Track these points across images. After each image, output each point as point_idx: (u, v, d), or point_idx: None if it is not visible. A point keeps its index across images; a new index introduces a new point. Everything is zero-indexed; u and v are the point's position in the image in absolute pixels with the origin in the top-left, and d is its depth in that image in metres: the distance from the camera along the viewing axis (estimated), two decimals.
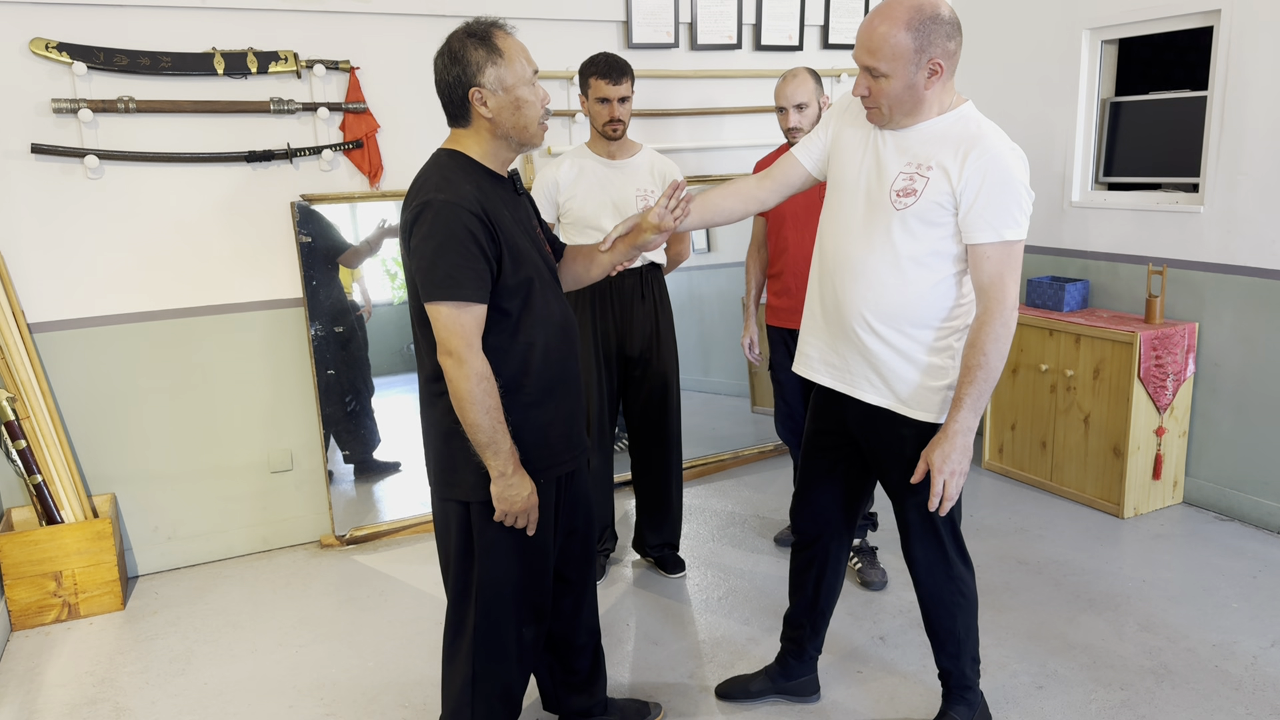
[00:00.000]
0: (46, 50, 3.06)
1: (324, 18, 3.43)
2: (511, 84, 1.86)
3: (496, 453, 1.83)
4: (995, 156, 1.91)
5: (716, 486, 4.18)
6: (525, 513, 1.90)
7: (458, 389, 1.80)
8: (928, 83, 1.92)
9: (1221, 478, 3.71)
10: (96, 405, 3.32)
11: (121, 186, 3.25)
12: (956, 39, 1.93)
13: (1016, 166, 1.92)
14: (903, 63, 1.89)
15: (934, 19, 1.88)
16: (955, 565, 2.19)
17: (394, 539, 3.70)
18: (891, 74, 1.91)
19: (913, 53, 1.88)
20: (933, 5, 1.89)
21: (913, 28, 1.88)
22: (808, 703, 2.53)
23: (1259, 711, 2.44)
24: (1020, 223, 1.93)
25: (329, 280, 3.55)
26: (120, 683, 2.75)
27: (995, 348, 1.94)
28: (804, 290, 3.15)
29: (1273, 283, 3.45)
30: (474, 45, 1.84)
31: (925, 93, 1.93)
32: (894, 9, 1.89)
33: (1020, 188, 1.92)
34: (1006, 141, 1.95)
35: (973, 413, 1.97)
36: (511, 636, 2.02)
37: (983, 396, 1.97)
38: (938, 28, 1.89)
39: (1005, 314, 1.94)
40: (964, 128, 1.96)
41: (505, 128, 1.88)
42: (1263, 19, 3.38)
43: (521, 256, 1.88)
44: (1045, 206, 4.31)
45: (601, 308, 3.10)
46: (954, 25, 1.92)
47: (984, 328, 1.95)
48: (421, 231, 1.79)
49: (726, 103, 4.22)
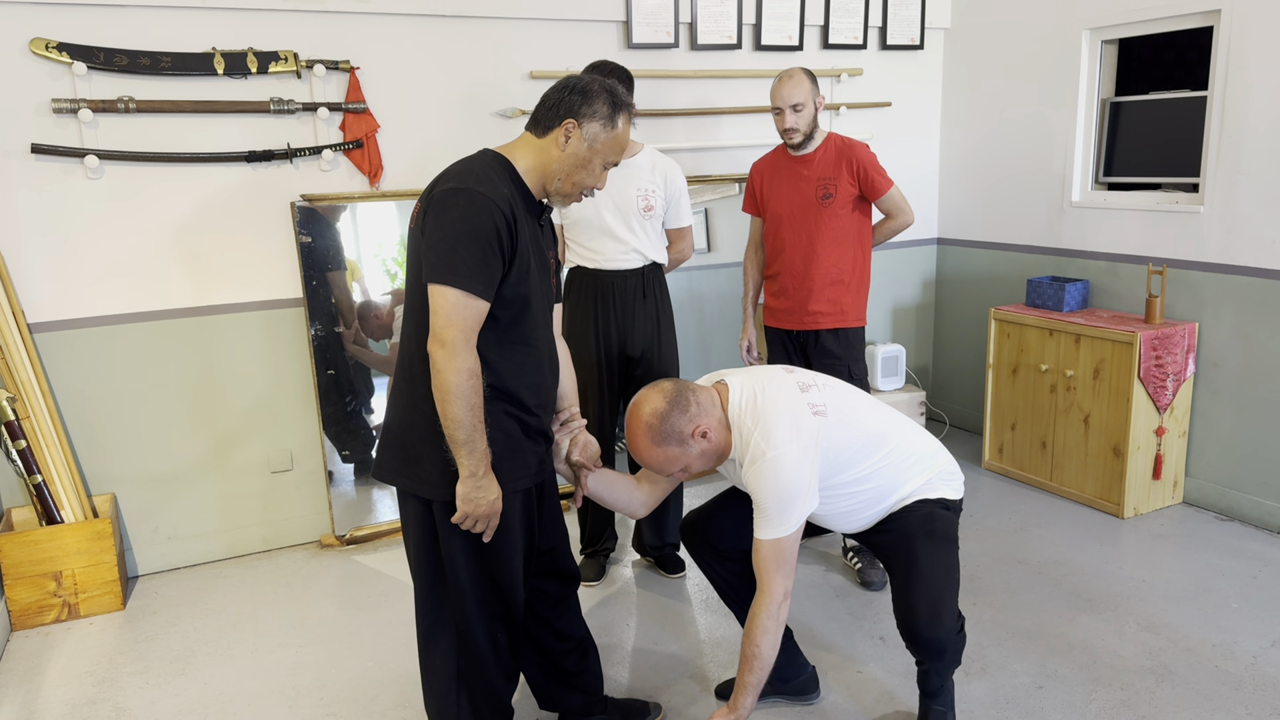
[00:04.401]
0: (46, 50, 3.06)
1: (324, 18, 3.43)
2: (598, 149, 1.92)
3: (471, 451, 1.81)
4: (759, 467, 2.08)
5: (717, 486, 4.18)
6: (488, 517, 1.88)
7: (445, 380, 1.77)
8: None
9: (1221, 478, 3.71)
10: (96, 405, 3.32)
11: (121, 187, 3.25)
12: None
13: (785, 471, 2.06)
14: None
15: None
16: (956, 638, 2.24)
17: (394, 539, 3.70)
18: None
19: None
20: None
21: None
22: (808, 702, 2.53)
23: (1259, 711, 2.44)
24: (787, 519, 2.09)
25: (329, 280, 3.55)
26: (120, 683, 2.75)
27: (769, 641, 2.13)
28: (800, 291, 3.16)
29: (1273, 283, 3.45)
30: (605, 100, 1.91)
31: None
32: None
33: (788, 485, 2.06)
34: (777, 443, 2.08)
35: (751, 695, 2.16)
36: (485, 642, 2.02)
37: (759, 684, 2.17)
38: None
39: (774, 606, 2.11)
40: (743, 435, 2.15)
41: (560, 169, 1.92)
42: (1263, 19, 3.38)
43: (528, 272, 1.88)
44: (1045, 206, 4.31)
45: (604, 307, 3.10)
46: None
47: (757, 621, 2.13)
48: (450, 215, 1.77)
49: (726, 103, 4.22)
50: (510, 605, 2.03)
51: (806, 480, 2.06)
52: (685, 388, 2.11)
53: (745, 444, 2.10)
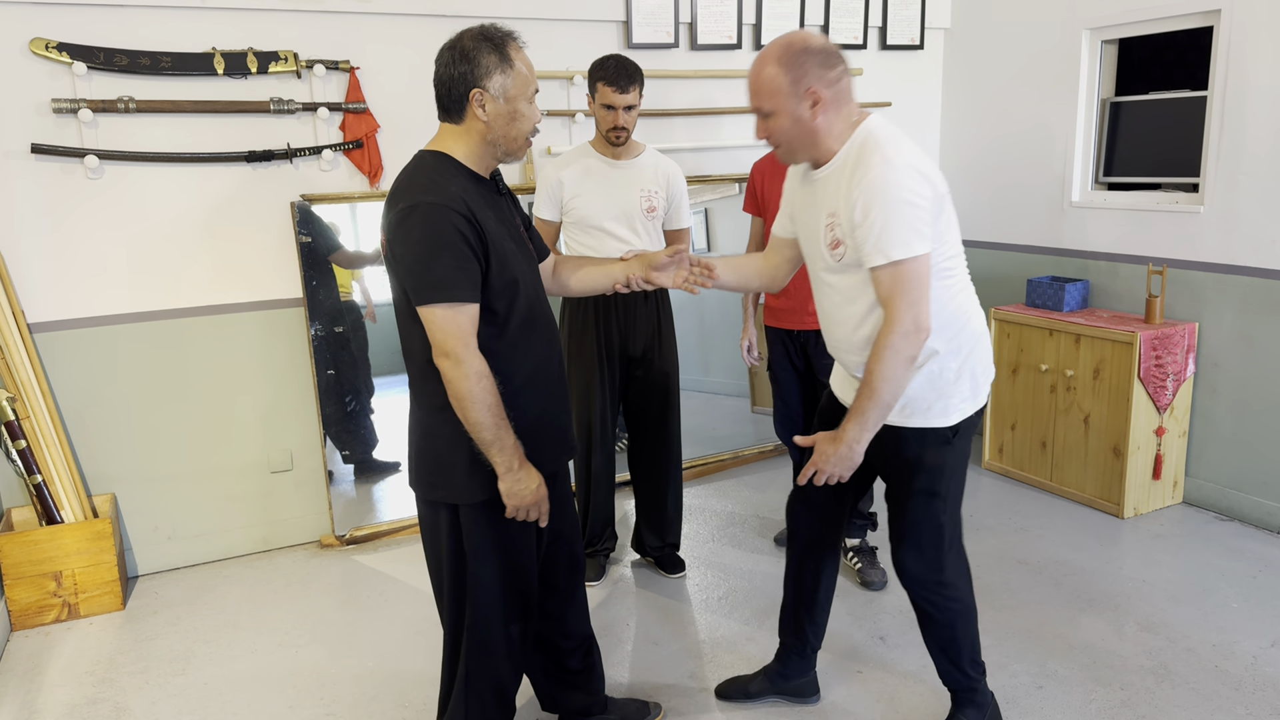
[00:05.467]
0: (46, 50, 3.06)
1: (324, 18, 3.42)
2: (513, 95, 1.87)
3: (502, 449, 1.84)
4: (873, 178, 1.89)
5: (716, 486, 4.18)
6: (536, 505, 1.91)
7: (458, 389, 1.80)
8: (813, 113, 1.96)
9: (1221, 478, 3.71)
10: (96, 405, 3.32)
11: (121, 187, 3.25)
12: (837, 67, 1.96)
13: (898, 181, 1.88)
14: (782, 97, 1.95)
15: (804, 51, 1.95)
16: (946, 572, 2.17)
17: (394, 539, 3.70)
18: (775, 110, 1.98)
19: (789, 85, 1.94)
20: (801, 39, 1.96)
21: (784, 63, 1.94)
22: (807, 704, 2.53)
23: (1259, 711, 2.44)
24: (909, 241, 1.88)
25: (329, 280, 3.55)
26: (120, 683, 2.75)
27: (880, 370, 1.92)
28: (801, 291, 3.16)
29: (1273, 283, 3.45)
30: (487, 49, 1.85)
31: (815, 124, 1.97)
32: (766, 52, 1.99)
33: (903, 205, 1.88)
34: (889, 157, 1.91)
35: (859, 427, 1.97)
36: (499, 634, 2.03)
37: (869, 414, 1.95)
38: (809, 58, 1.94)
39: (894, 338, 1.90)
40: (855, 155, 1.97)
41: (495, 135, 1.89)
42: (1263, 19, 3.38)
43: (507, 257, 1.88)
44: (1045, 206, 4.31)
45: (605, 307, 3.10)
46: (828, 54, 1.96)
47: (875, 349, 1.94)
48: (411, 235, 1.79)
49: (726, 103, 4.22)
50: (525, 597, 2.05)
51: (928, 204, 1.90)
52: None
53: (855, 161, 1.94)
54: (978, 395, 2.11)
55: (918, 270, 1.90)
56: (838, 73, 1.96)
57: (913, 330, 1.90)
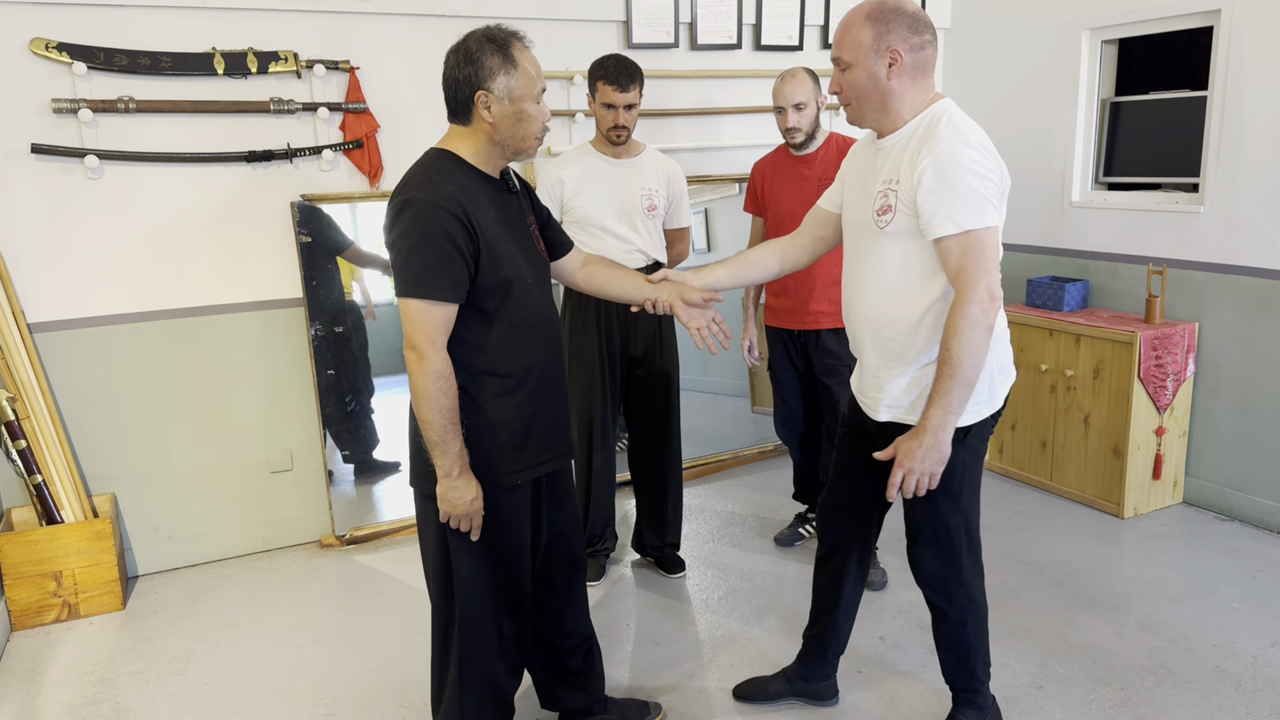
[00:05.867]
0: (46, 50, 3.06)
1: (324, 18, 3.42)
2: (519, 96, 1.88)
3: (445, 452, 1.85)
4: (945, 149, 1.87)
5: (716, 486, 4.18)
6: (468, 517, 1.90)
7: (415, 384, 1.83)
8: (889, 73, 1.95)
9: (1221, 478, 3.71)
10: (96, 405, 3.32)
11: (121, 187, 3.25)
12: (924, 34, 1.96)
13: (968, 154, 1.87)
14: (863, 51, 1.95)
15: (895, 11, 1.95)
16: (964, 571, 2.16)
17: (394, 539, 3.70)
18: (854, 63, 1.97)
19: (872, 40, 1.94)
20: (896, 2, 1.96)
21: (873, 19, 1.96)
22: (825, 706, 2.52)
23: (1259, 711, 2.44)
24: (981, 210, 1.88)
25: (329, 280, 3.55)
26: (120, 683, 2.75)
27: (959, 342, 1.86)
28: (802, 290, 3.16)
29: (1273, 283, 3.45)
30: (491, 51, 1.86)
31: (889, 84, 1.95)
32: (859, 7, 2.00)
33: (973, 176, 1.87)
34: (962, 131, 1.90)
35: (943, 410, 1.88)
36: (491, 632, 2.03)
37: (952, 393, 1.87)
38: (898, 18, 1.95)
39: (970, 307, 1.85)
40: (926, 127, 1.95)
41: (503, 135, 1.90)
42: (1263, 19, 3.38)
43: (501, 258, 1.89)
44: (1045, 206, 4.31)
45: (606, 307, 3.10)
46: (917, 20, 1.96)
47: (950, 322, 1.89)
48: (400, 228, 1.82)
49: (726, 103, 4.22)
50: (518, 596, 2.04)
51: (997, 181, 1.89)
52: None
53: (925, 133, 1.92)
54: (994, 398, 2.07)
55: (989, 240, 1.89)
56: (923, 40, 1.96)
57: (988, 299, 1.87)
